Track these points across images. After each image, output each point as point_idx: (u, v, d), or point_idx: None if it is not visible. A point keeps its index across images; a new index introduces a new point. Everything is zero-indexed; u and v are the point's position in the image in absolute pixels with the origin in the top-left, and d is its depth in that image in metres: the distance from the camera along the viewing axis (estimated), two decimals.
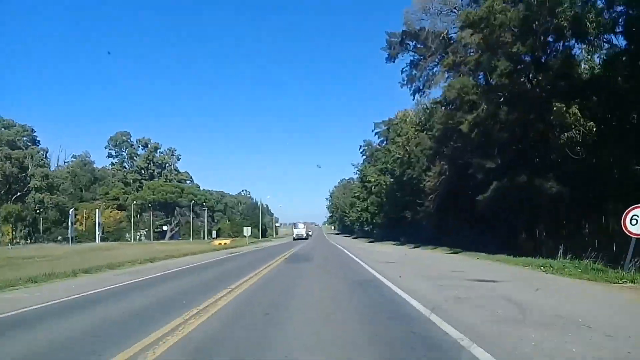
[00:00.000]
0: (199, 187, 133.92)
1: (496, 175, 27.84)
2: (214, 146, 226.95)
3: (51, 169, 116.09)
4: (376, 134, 79.57)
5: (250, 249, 42.65)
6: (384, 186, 54.45)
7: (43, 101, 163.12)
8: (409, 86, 40.09)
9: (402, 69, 40.65)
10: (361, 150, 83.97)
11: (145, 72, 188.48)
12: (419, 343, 5.92)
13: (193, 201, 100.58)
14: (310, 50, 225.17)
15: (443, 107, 35.82)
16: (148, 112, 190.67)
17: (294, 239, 74.11)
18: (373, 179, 68.37)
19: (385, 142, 77.21)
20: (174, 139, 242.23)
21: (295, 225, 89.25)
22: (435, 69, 39.42)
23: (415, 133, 49.80)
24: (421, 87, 40.02)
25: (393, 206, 51.47)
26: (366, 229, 77.30)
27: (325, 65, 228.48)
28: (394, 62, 40.93)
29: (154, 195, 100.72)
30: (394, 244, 46.60)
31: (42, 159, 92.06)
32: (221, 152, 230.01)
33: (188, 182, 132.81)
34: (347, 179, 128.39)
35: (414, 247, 38.86)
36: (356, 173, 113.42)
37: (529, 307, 8.26)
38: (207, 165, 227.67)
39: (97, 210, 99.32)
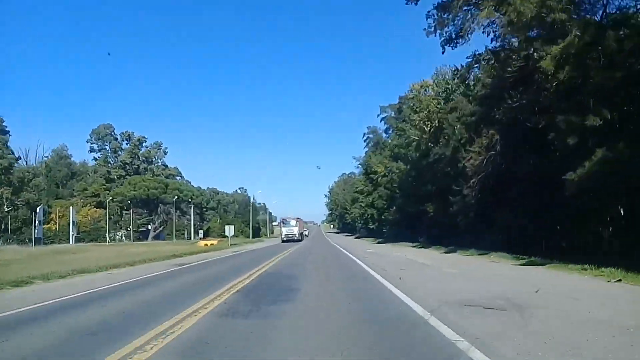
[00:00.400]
0: (190, 183, 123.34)
1: (599, 140, 17.06)
2: (210, 144, 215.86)
3: (30, 165, 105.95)
4: (382, 119, 69.02)
5: (224, 254, 31.80)
6: (397, 174, 43.54)
7: (24, 97, 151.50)
8: (436, 34, 28.84)
9: (428, 12, 29.51)
10: (365, 138, 73.21)
11: (143, 73, 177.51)
12: None
13: (177, 197, 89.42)
14: (307, 47, 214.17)
15: (493, 56, 24.91)
16: (146, 111, 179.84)
17: (283, 241, 55.63)
18: (380, 169, 57.61)
19: (392, 130, 66.63)
20: (171, 137, 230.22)
21: (283, 222, 63.09)
22: (472, 10, 28.53)
23: (438, 107, 39.07)
24: (454, 36, 28.95)
25: (409, 198, 40.59)
26: (371, 227, 66.32)
27: (323, 60, 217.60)
28: (416, 3, 29.87)
29: (134, 191, 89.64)
30: (414, 246, 35.68)
31: None
32: (218, 150, 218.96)
33: (178, 177, 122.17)
34: (347, 173, 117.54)
35: (445, 252, 27.98)
36: (358, 167, 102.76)
37: None
38: (204, 164, 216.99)
39: (71, 207, 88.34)
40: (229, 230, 48.11)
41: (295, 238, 58.05)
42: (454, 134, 27.48)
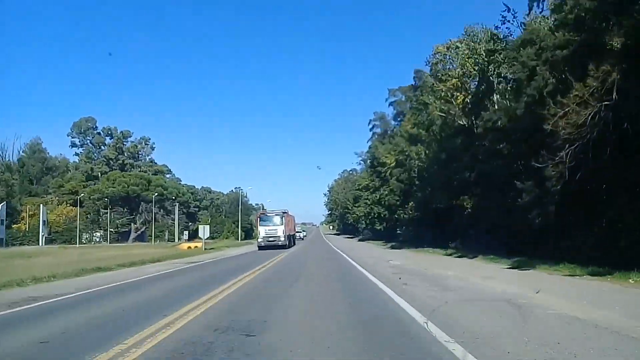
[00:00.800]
0: (180, 181, 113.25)
1: None
2: (206, 143, 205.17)
3: (6, 160, 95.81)
4: (391, 104, 59.06)
5: (173, 266, 21.56)
6: (418, 160, 33.24)
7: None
8: None
9: None
10: (371, 126, 63.02)
11: (140, 72, 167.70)
12: None
13: (159, 195, 78.96)
14: (304, 41, 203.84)
15: None
16: (141, 110, 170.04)
17: (260, 247, 36.85)
18: (390, 160, 47.50)
19: (403, 116, 56.53)
20: (166, 136, 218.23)
21: (261, 217, 40.88)
22: None
23: (475, 69, 29.07)
24: None
25: (435, 191, 30.39)
26: (378, 227, 55.89)
27: (321, 53, 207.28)
28: None
29: (113, 187, 79.16)
30: (449, 255, 25.30)
31: None
32: (215, 149, 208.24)
33: (168, 175, 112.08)
34: (349, 170, 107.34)
35: (512, 266, 17.68)
36: (360, 163, 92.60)
37: None
38: (201, 164, 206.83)
39: (41, 205, 78.01)
40: (203, 231, 37.84)
41: (280, 243, 36.89)
42: (533, 79, 17.05)
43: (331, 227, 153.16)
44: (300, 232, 77.63)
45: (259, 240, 38.49)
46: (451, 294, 9.68)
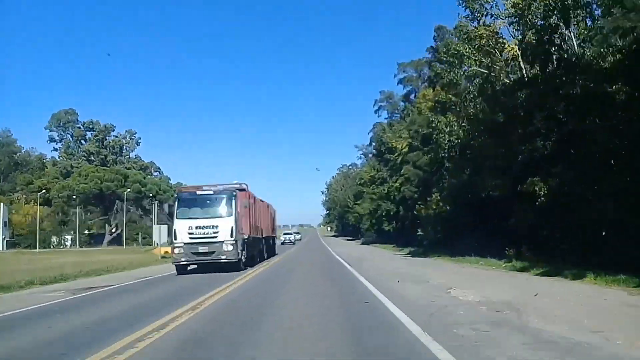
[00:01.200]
0: (169, 179, 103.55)
1: None
2: (200, 142, 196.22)
3: None
4: (400, 81, 49.57)
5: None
6: (458, 130, 23.37)
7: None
8: None
9: None
10: (376, 107, 53.34)
11: (144, 73, 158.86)
12: None
13: (130, 190, 69.10)
14: (301, 38, 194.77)
15: None
16: (137, 109, 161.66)
17: (180, 269, 17.78)
18: (401, 145, 38.09)
19: (414, 93, 47.07)
20: (163, 136, 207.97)
21: (182, 199, 18.51)
22: None
23: None
24: None
25: (481, 173, 20.69)
26: (386, 228, 45.99)
27: (318, 45, 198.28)
28: None
29: (84, 184, 69.31)
30: (517, 269, 15.38)
31: None
32: (209, 149, 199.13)
33: (155, 173, 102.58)
34: (348, 164, 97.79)
35: None
36: (360, 157, 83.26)
37: None
38: (195, 164, 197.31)
39: (1, 204, 68.05)
40: (159, 233, 28.09)
41: (223, 257, 17.18)
42: None
43: (329, 229, 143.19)
44: (292, 234, 67.30)
45: (176, 250, 17.84)
46: None
